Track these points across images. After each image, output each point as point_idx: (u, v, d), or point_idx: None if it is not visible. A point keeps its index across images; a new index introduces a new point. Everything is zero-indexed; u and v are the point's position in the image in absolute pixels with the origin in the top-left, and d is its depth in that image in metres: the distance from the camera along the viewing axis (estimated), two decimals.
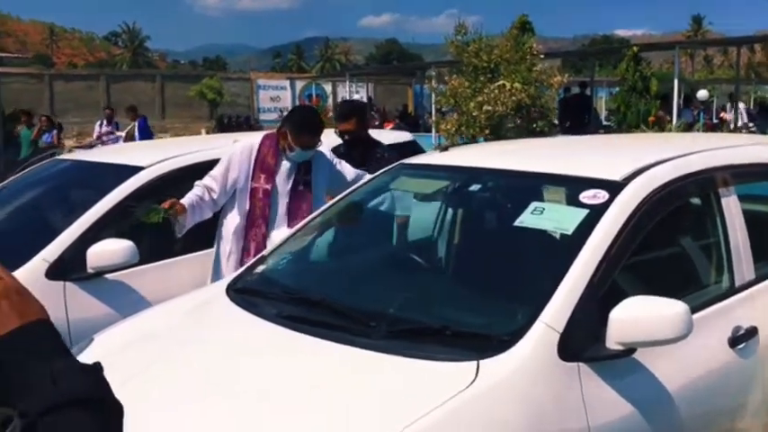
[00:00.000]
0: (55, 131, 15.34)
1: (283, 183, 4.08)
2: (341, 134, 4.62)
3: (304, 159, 4.10)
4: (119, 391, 2.76)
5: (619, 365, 2.39)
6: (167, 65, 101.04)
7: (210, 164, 4.35)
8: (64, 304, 3.69)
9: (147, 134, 14.45)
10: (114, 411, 0.98)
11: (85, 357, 2.74)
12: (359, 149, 4.61)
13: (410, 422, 2.01)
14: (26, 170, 5.29)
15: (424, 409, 2.05)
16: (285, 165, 4.09)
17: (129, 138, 14.21)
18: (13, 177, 5.23)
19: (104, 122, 15.62)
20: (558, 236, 2.79)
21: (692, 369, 2.62)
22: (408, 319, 2.62)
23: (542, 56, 10.92)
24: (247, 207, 4.07)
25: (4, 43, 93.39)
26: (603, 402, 2.34)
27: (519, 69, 10.15)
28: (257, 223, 4.07)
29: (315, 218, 3.51)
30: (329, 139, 4.85)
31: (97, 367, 0.99)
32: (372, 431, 2.02)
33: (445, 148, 3.86)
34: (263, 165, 4.08)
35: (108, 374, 2.87)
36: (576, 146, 4.07)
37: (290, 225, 3.93)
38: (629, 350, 2.36)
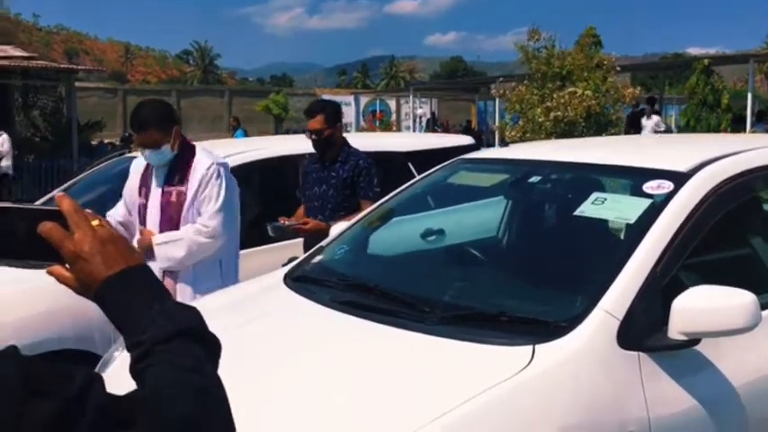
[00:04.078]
0: None
1: (154, 193, 3.67)
2: (309, 133, 4.35)
3: (160, 162, 3.62)
4: None
5: (681, 357, 2.30)
6: (236, 82, 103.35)
7: (282, 159, 4.64)
8: None
9: None
10: (215, 345, 1.04)
11: None
12: (330, 153, 4.33)
13: (462, 401, 1.98)
14: (98, 167, 5.51)
15: (476, 390, 2.02)
16: (155, 173, 3.69)
17: None
18: (87, 172, 5.46)
19: None
20: (619, 226, 2.72)
21: (759, 366, 2.51)
22: (463, 306, 2.60)
23: (618, 68, 10.75)
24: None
25: (83, 61, 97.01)
26: (665, 394, 2.26)
27: (592, 77, 10.01)
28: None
29: (372, 211, 3.51)
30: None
31: (197, 308, 1.06)
32: (425, 410, 1.99)
33: (506, 144, 3.82)
34: (145, 179, 3.75)
35: None
36: (638, 141, 3.98)
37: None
38: (693, 341, 2.28)
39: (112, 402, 0.85)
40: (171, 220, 3.59)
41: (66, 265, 1.03)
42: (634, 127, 16.63)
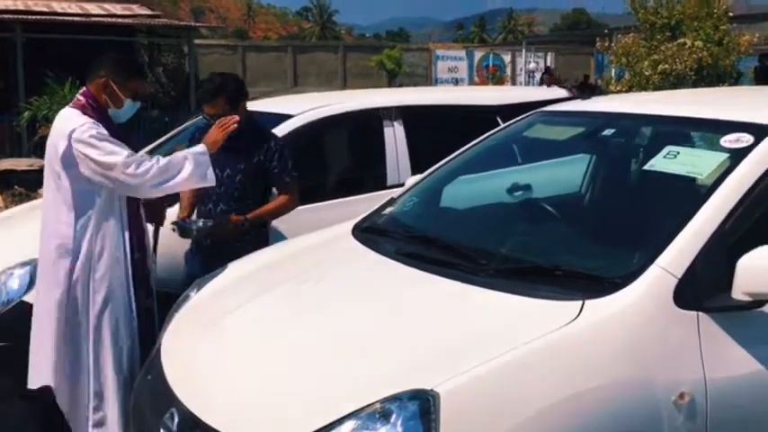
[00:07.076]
0: None
1: None
2: (209, 119, 3.54)
3: (129, 116, 3.23)
4: (246, 306, 2.92)
5: (745, 318, 2.19)
6: (353, 38, 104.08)
7: (358, 113, 4.58)
8: None
9: None
10: None
11: (220, 281, 2.96)
12: (242, 139, 3.49)
13: (504, 351, 1.99)
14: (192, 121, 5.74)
15: (520, 341, 2.02)
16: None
17: None
18: (185, 124, 5.73)
19: None
20: (689, 181, 2.59)
21: None
22: (519, 259, 2.58)
23: (730, 14, 9.99)
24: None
25: (207, 20, 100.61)
26: (724, 356, 2.17)
27: (703, 26, 9.36)
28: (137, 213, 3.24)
29: (443, 165, 3.50)
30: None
31: None
32: (466, 358, 2.00)
33: (588, 96, 3.69)
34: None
35: (238, 292, 3.04)
36: (724, 93, 3.75)
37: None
38: (758, 302, 2.16)
39: None
40: None
41: None
42: (765, 80, 15.39)
